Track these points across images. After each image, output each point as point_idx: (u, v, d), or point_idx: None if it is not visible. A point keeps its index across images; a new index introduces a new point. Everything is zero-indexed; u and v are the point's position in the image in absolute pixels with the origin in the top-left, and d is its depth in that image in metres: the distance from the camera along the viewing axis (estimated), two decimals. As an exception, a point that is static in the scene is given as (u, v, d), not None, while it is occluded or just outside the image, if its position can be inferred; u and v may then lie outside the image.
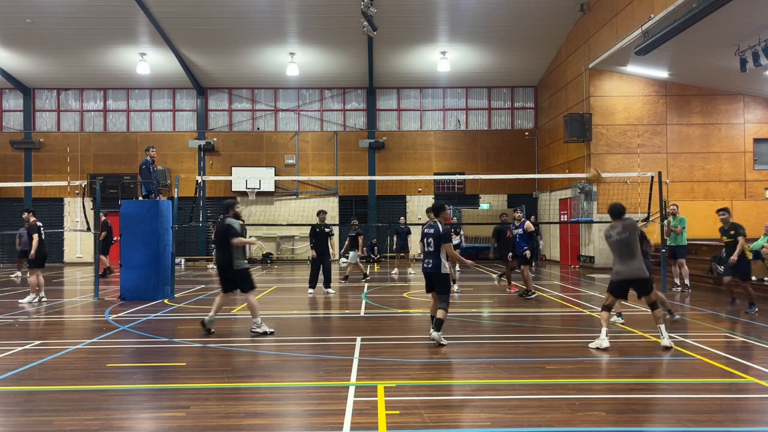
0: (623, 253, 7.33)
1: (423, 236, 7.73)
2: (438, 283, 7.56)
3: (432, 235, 7.57)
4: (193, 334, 8.47)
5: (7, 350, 7.39)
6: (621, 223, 7.42)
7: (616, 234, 7.36)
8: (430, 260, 7.56)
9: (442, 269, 7.49)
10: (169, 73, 24.66)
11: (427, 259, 7.62)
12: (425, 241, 7.66)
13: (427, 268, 7.62)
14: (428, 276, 7.67)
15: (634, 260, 7.28)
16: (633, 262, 7.28)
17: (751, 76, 16.98)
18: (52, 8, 20.26)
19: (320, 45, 22.97)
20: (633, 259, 7.28)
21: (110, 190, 22.61)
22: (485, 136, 26.27)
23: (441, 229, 7.55)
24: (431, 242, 7.57)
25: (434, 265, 7.52)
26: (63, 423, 4.73)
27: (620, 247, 7.34)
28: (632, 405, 5.20)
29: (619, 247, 7.35)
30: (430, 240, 7.57)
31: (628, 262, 7.30)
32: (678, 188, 19.89)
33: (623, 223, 7.41)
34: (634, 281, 7.35)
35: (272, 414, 5.05)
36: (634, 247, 7.30)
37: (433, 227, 7.62)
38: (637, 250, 7.32)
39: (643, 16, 15.81)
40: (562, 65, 22.82)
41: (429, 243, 7.60)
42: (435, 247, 7.54)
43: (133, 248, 12.34)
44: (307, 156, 26.17)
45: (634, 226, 7.39)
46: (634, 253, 7.29)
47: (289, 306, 11.50)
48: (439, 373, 6.32)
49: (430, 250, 7.59)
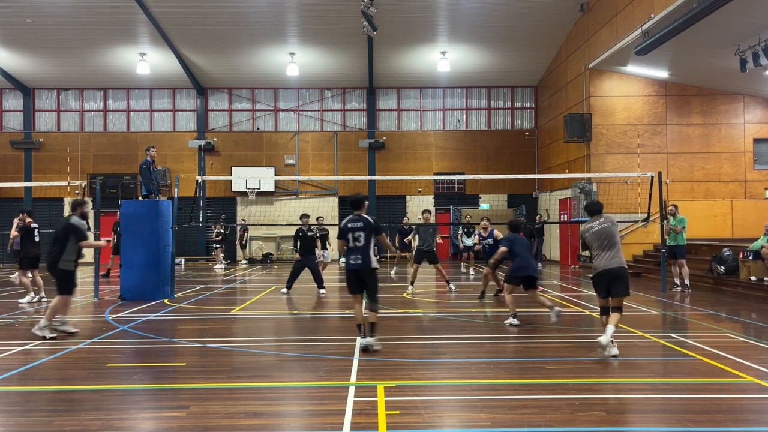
0: (603, 245, 7.08)
1: (349, 231, 7.29)
2: (370, 279, 7.22)
3: (362, 228, 7.24)
4: (193, 334, 8.47)
5: (7, 350, 7.39)
6: (602, 216, 7.29)
7: (598, 225, 7.19)
8: (359, 256, 7.17)
9: (372, 264, 7.17)
10: (169, 73, 24.66)
11: (354, 254, 7.21)
12: (353, 236, 7.25)
13: (356, 264, 7.18)
14: (357, 272, 7.21)
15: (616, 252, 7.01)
16: (614, 252, 7.02)
17: (751, 76, 16.97)
18: (52, 8, 20.26)
19: (320, 45, 22.97)
20: (614, 250, 7.02)
21: (110, 190, 22.60)
22: (485, 136, 26.27)
23: (372, 222, 7.30)
24: (360, 236, 7.21)
25: (364, 261, 7.17)
26: (63, 423, 4.73)
27: (601, 236, 7.10)
28: (632, 405, 5.21)
29: (599, 237, 7.12)
30: (359, 234, 7.22)
31: (610, 253, 7.03)
32: (678, 188, 19.89)
33: (605, 216, 7.30)
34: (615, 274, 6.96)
35: (272, 414, 5.05)
36: (616, 236, 7.10)
37: (361, 220, 7.31)
38: (618, 242, 7.10)
39: (643, 16, 15.81)
40: (562, 65, 22.82)
41: (357, 238, 7.22)
42: (365, 242, 7.20)
43: (133, 248, 12.34)
44: (307, 156, 26.17)
45: (614, 222, 7.26)
46: (615, 243, 7.05)
47: (289, 306, 11.50)
48: (439, 373, 6.32)
49: (358, 245, 7.20)
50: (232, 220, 25.17)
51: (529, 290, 9.15)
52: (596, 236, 7.16)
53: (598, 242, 7.14)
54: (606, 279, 7.04)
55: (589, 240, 7.25)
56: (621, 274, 6.99)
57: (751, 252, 12.72)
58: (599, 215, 7.34)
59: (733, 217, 18.84)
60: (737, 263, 13.18)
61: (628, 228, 18.93)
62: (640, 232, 18.92)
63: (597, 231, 7.16)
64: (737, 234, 18.30)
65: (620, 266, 6.99)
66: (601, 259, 7.07)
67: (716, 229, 18.57)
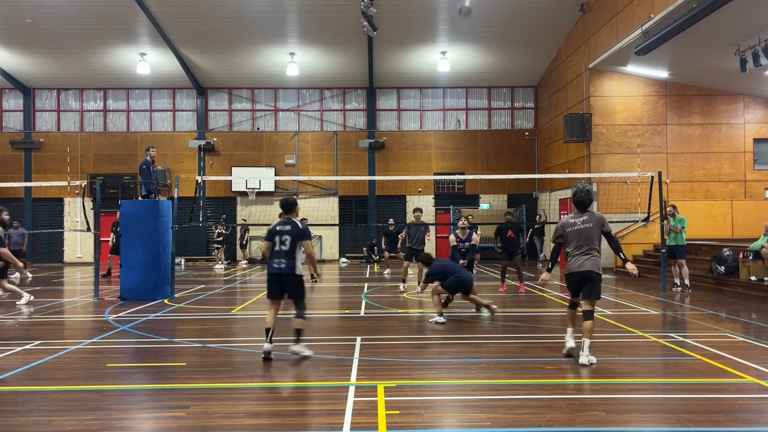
0: (580, 246, 6.79)
1: (277, 233, 7.07)
2: (293, 285, 7.05)
3: (289, 232, 7.02)
4: (193, 334, 8.47)
5: (7, 350, 7.39)
6: (587, 213, 6.92)
7: (581, 223, 6.84)
8: (283, 260, 6.97)
9: (296, 270, 7.00)
10: (169, 73, 24.66)
11: (278, 258, 7.00)
12: (279, 239, 7.03)
13: (279, 268, 6.98)
14: (280, 277, 7.02)
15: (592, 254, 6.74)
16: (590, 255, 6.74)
17: (751, 76, 16.97)
18: (52, 8, 20.26)
19: (320, 45, 22.97)
20: (591, 252, 6.74)
21: (110, 190, 22.60)
22: (485, 136, 26.27)
23: (300, 226, 7.14)
24: (286, 240, 6.99)
25: (288, 265, 6.96)
26: (63, 423, 4.73)
27: (580, 237, 6.80)
28: (632, 405, 5.21)
29: (579, 237, 6.81)
30: (286, 238, 7.00)
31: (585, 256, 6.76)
32: (678, 188, 19.89)
33: (589, 213, 6.92)
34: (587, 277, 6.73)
35: (272, 414, 5.05)
36: (595, 239, 6.78)
37: (288, 224, 7.11)
38: (596, 244, 6.79)
39: (643, 16, 15.81)
40: (562, 65, 22.82)
41: (284, 241, 7.00)
42: (290, 246, 6.99)
43: (133, 248, 12.34)
44: (307, 156, 26.17)
45: (602, 221, 6.87)
46: (593, 245, 6.76)
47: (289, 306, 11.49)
48: (439, 373, 6.32)
49: (284, 249, 6.99)
50: (232, 220, 25.17)
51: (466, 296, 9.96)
52: (576, 235, 6.82)
53: (576, 242, 6.81)
54: (577, 279, 6.82)
55: (568, 237, 6.88)
56: (592, 277, 6.72)
57: (751, 252, 12.72)
58: (584, 212, 6.95)
59: (733, 217, 18.83)
60: (737, 263, 13.19)
61: (628, 228, 18.94)
62: (640, 232, 18.92)
63: (579, 230, 6.82)
64: (737, 234, 18.29)
65: (592, 270, 6.72)
66: (576, 260, 6.81)
67: (716, 229, 18.56)
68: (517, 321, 9.51)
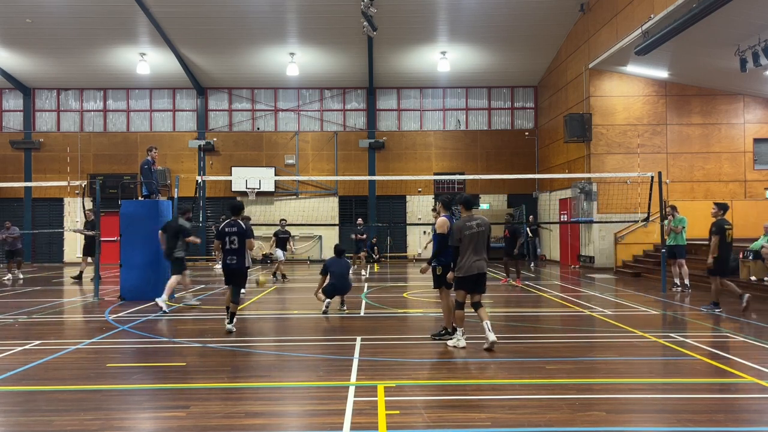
0: (475, 248, 7.25)
1: (225, 234, 8.40)
2: (239, 277, 8.56)
3: (236, 233, 8.39)
4: (193, 334, 8.47)
5: (7, 350, 7.39)
6: (478, 218, 7.42)
7: (476, 226, 7.29)
8: (235, 257, 8.43)
9: (244, 264, 8.56)
10: (169, 73, 24.66)
11: (231, 255, 8.44)
12: (228, 239, 8.38)
13: (231, 263, 8.45)
14: (232, 271, 8.48)
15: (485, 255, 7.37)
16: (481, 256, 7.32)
17: (751, 76, 16.97)
18: (52, 8, 20.26)
19: (320, 45, 22.97)
20: (482, 254, 7.32)
21: (110, 190, 22.59)
22: (485, 136, 26.27)
23: (245, 227, 8.46)
24: (235, 240, 8.37)
25: (238, 261, 8.45)
26: (63, 423, 4.73)
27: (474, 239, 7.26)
28: (632, 405, 5.21)
29: (473, 240, 7.25)
30: (234, 238, 8.37)
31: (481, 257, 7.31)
32: (678, 188, 19.89)
33: (481, 218, 7.43)
34: (483, 275, 7.35)
35: (272, 414, 5.05)
36: (488, 242, 7.41)
37: (236, 225, 8.44)
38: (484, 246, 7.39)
39: (643, 16, 15.81)
40: (562, 65, 22.82)
41: (233, 241, 8.38)
42: (239, 245, 8.39)
43: (133, 248, 12.34)
44: (307, 156, 26.17)
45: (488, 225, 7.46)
46: (483, 247, 7.34)
47: (289, 306, 11.50)
48: (439, 373, 6.32)
49: (233, 248, 8.40)
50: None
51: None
52: (472, 238, 7.25)
53: (472, 245, 7.25)
54: (473, 280, 7.29)
55: (466, 239, 7.25)
56: (484, 276, 7.38)
57: (751, 252, 12.72)
58: (473, 214, 7.48)
59: (733, 217, 18.76)
60: (737, 263, 13.19)
61: (628, 228, 18.94)
62: (640, 232, 18.92)
63: (475, 233, 7.26)
64: (737, 234, 18.18)
65: (483, 271, 7.33)
66: (468, 260, 7.22)
67: (716, 229, 18.50)
68: (517, 321, 9.52)
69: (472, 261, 7.24)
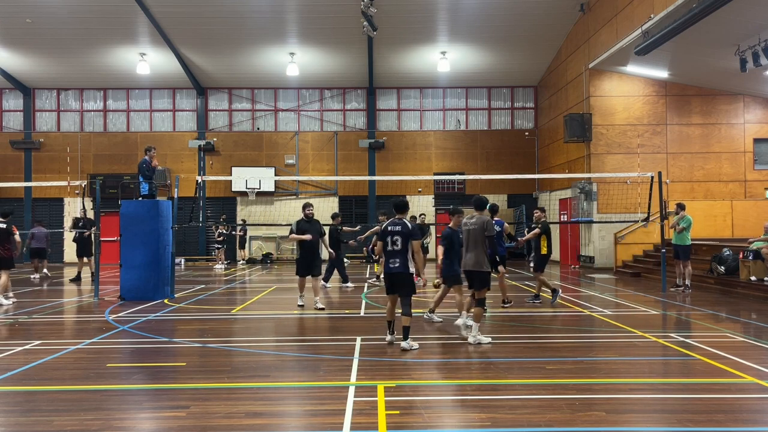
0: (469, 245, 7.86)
1: (388, 234, 8.28)
2: (405, 284, 8.21)
3: (399, 233, 8.21)
4: (193, 334, 8.47)
5: (7, 350, 7.39)
6: (475, 217, 7.89)
7: (471, 224, 7.86)
8: (397, 260, 8.16)
9: (408, 269, 8.18)
10: (169, 73, 24.66)
11: (393, 258, 8.26)
12: (390, 239, 8.28)
13: (393, 268, 8.26)
14: (394, 276, 8.30)
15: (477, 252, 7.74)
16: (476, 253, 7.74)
17: (751, 76, 16.97)
18: (52, 8, 20.26)
19: (320, 45, 22.97)
20: (476, 251, 7.74)
21: (110, 190, 22.60)
22: (485, 136, 26.27)
23: (410, 227, 8.27)
24: (398, 240, 8.21)
25: (402, 265, 8.20)
26: (63, 423, 4.73)
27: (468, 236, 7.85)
28: (632, 405, 5.21)
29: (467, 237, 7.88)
30: (397, 238, 8.21)
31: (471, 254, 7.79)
32: (678, 188, 19.89)
33: (477, 217, 7.87)
34: (476, 273, 7.78)
35: (272, 414, 5.05)
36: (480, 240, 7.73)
37: (399, 224, 8.31)
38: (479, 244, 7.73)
39: (643, 16, 15.81)
40: (562, 65, 22.82)
41: (395, 242, 8.22)
42: (402, 246, 8.19)
43: (133, 248, 12.33)
44: (307, 156, 26.17)
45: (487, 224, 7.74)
46: (477, 244, 7.73)
47: (289, 306, 11.50)
48: (439, 373, 6.32)
49: (396, 249, 8.25)
50: (232, 220, 25.17)
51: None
52: (466, 234, 7.91)
53: (466, 241, 7.91)
54: (468, 276, 7.94)
55: (463, 236, 8.00)
56: (478, 273, 7.79)
57: (751, 252, 12.71)
58: (474, 214, 7.95)
59: (733, 217, 18.83)
60: (737, 263, 13.19)
61: (628, 228, 18.94)
62: (640, 232, 18.91)
63: (468, 230, 7.89)
64: (737, 234, 18.29)
65: (475, 269, 7.78)
66: (465, 256, 7.97)
67: (716, 229, 18.55)
68: (517, 321, 9.52)
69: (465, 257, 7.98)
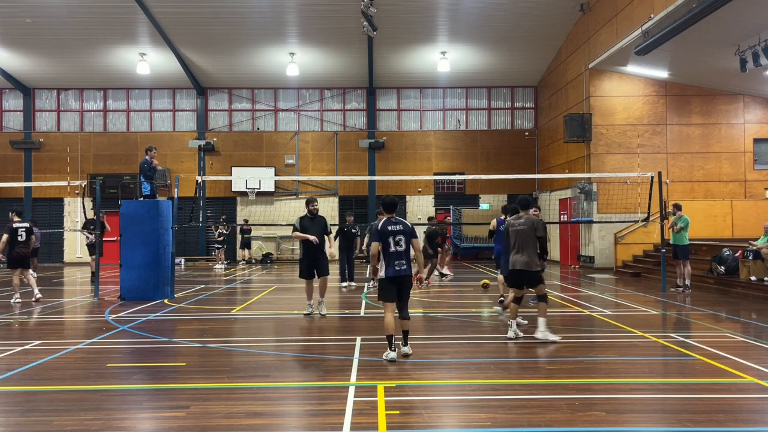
0: (517, 244, 7.93)
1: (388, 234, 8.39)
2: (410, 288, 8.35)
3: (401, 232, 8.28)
4: (193, 334, 8.47)
5: (7, 350, 7.39)
6: (523, 217, 8.01)
7: (519, 225, 7.96)
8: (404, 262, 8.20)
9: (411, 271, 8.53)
10: (169, 73, 24.66)
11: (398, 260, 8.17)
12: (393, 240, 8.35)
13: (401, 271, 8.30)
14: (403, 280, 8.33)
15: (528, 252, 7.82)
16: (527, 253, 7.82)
17: (751, 76, 16.97)
18: (52, 8, 20.26)
19: (320, 45, 22.97)
20: (526, 251, 7.82)
21: (110, 190, 22.60)
22: (485, 136, 26.27)
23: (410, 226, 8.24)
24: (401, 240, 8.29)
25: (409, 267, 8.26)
26: (63, 423, 4.73)
27: (516, 236, 7.94)
28: (632, 405, 5.20)
29: (515, 237, 7.96)
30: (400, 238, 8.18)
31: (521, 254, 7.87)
32: (678, 188, 19.89)
33: (526, 217, 7.99)
34: (526, 272, 7.88)
35: (272, 414, 5.05)
36: (530, 240, 7.84)
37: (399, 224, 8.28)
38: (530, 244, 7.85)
39: (643, 16, 15.81)
40: (562, 65, 22.82)
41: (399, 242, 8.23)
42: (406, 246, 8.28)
43: (133, 248, 12.33)
44: (307, 156, 26.17)
45: (537, 223, 7.92)
46: (526, 245, 7.83)
47: (289, 306, 11.50)
48: (439, 373, 6.32)
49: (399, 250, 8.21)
50: (232, 220, 25.18)
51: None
52: (514, 235, 7.98)
53: (513, 240, 8.00)
54: (519, 275, 7.99)
55: (511, 236, 8.05)
56: (529, 273, 7.87)
57: (751, 252, 12.71)
58: (521, 215, 8.09)
59: (733, 217, 18.83)
60: (737, 263, 13.18)
61: (628, 228, 18.93)
62: (640, 232, 18.91)
63: (516, 230, 7.97)
64: (737, 234, 18.29)
65: (525, 269, 7.87)
66: (514, 256, 7.99)
67: (716, 229, 18.55)
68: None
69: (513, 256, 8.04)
